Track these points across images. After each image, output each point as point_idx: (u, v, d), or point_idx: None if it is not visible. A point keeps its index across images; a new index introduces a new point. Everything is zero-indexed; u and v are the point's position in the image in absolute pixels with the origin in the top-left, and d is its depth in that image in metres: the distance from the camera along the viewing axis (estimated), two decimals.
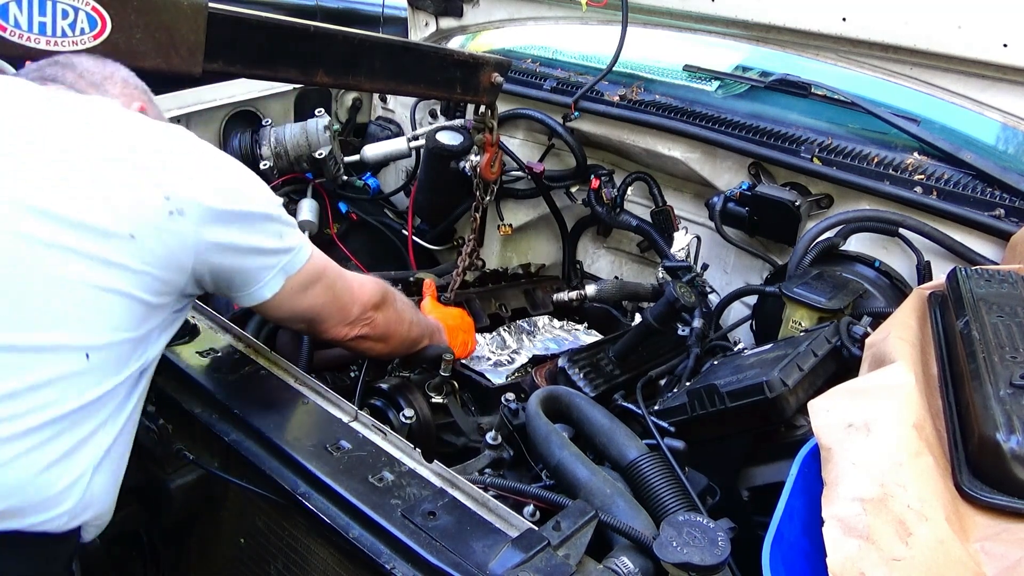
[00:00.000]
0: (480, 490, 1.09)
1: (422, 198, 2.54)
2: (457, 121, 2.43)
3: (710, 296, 2.16)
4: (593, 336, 2.25)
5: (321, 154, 2.33)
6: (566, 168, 2.46)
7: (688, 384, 1.54)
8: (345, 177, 2.55)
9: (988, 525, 0.89)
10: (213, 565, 1.34)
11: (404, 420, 1.47)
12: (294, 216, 2.21)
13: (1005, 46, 1.69)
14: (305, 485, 1.11)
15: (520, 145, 2.55)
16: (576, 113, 2.31)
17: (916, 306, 1.37)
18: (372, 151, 2.51)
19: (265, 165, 2.31)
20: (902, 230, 1.82)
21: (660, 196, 2.30)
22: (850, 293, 1.72)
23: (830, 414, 1.05)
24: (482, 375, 1.86)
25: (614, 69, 2.24)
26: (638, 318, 2.06)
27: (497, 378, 1.87)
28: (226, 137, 2.42)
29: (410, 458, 1.15)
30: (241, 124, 2.45)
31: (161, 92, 1.59)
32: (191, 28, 1.36)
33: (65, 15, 1.24)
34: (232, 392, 1.26)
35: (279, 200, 1.21)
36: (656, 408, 1.47)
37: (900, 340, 1.21)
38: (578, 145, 2.33)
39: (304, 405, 1.26)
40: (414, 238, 2.60)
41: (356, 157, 2.52)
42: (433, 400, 1.59)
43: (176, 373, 1.30)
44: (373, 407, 1.53)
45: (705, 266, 2.16)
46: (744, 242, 2.15)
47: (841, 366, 1.44)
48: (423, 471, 1.13)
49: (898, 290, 1.82)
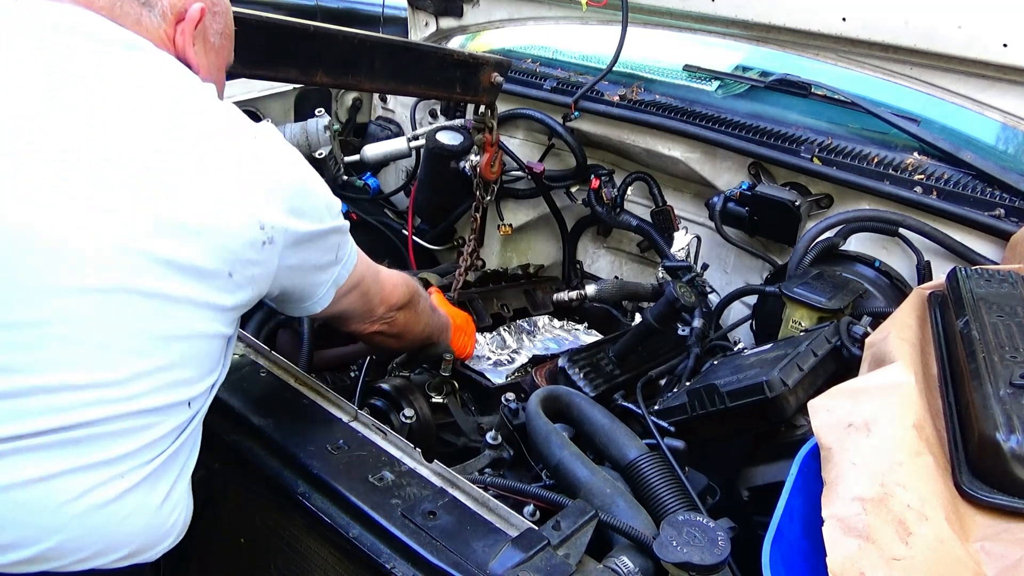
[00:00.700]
0: (480, 490, 1.09)
1: (422, 198, 2.54)
2: (457, 121, 2.43)
3: (710, 296, 2.16)
4: (593, 336, 2.25)
5: (321, 154, 2.33)
6: (566, 168, 2.46)
7: (688, 384, 1.54)
8: (345, 177, 2.56)
9: (988, 525, 0.89)
10: (213, 565, 1.34)
11: (404, 420, 1.47)
12: None
13: (1005, 46, 1.69)
14: (305, 485, 1.11)
15: (520, 145, 2.55)
16: (576, 113, 2.31)
17: (916, 306, 1.37)
18: (372, 151, 2.51)
19: None
20: (902, 230, 1.82)
21: (660, 196, 2.30)
22: (850, 293, 1.72)
23: (830, 414, 1.05)
24: (482, 375, 1.86)
25: (614, 69, 2.24)
26: (638, 318, 2.06)
27: (497, 378, 1.87)
28: None
29: (410, 458, 1.15)
30: None
31: None
32: None
33: None
34: (232, 392, 1.26)
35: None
36: (656, 408, 1.47)
37: (900, 340, 1.21)
38: (578, 145, 2.33)
39: (304, 405, 1.26)
40: (414, 238, 2.60)
41: (356, 157, 2.52)
42: (433, 400, 1.59)
43: None
44: (373, 407, 1.53)
45: (705, 266, 2.16)
46: (744, 242, 2.15)
47: (841, 366, 1.44)
48: (423, 471, 1.13)
49: (898, 290, 1.82)
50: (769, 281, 2.09)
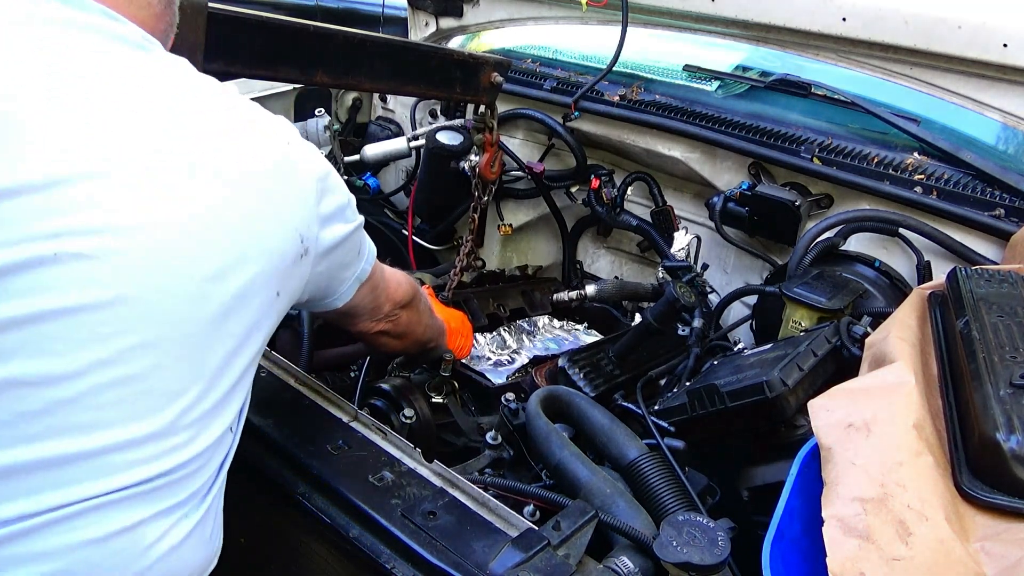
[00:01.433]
0: (480, 490, 1.09)
1: (422, 198, 2.54)
2: (457, 121, 2.43)
3: (710, 296, 2.16)
4: (593, 336, 2.26)
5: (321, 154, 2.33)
6: (566, 168, 2.46)
7: (688, 384, 1.54)
8: (345, 177, 2.55)
9: (988, 525, 0.89)
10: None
11: (404, 420, 1.47)
12: None
13: (1005, 46, 1.69)
14: (305, 485, 1.11)
15: (520, 145, 2.54)
16: (576, 113, 2.31)
17: (916, 306, 1.37)
18: (372, 151, 2.51)
19: None
20: (902, 230, 1.82)
21: (660, 196, 2.30)
22: (850, 293, 1.72)
23: (830, 414, 1.05)
24: (482, 375, 1.86)
25: (614, 69, 2.24)
26: (638, 318, 2.06)
27: (497, 378, 1.87)
28: None
29: (410, 458, 1.15)
30: None
31: None
32: (191, 28, 1.35)
33: None
34: None
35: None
36: (656, 408, 1.47)
37: (900, 340, 1.21)
38: (578, 145, 2.33)
39: (304, 405, 1.26)
40: (414, 238, 2.60)
41: (356, 157, 2.52)
42: (433, 400, 1.59)
43: None
44: (373, 407, 1.53)
45: (705, 266, 2.16)
46: (744, 242, 2.15)
47: (841, 366, 1.44)
48: (423, 471, 1.13)
49: (898, 290, 1.82)
50: (769, 281, 2.09)
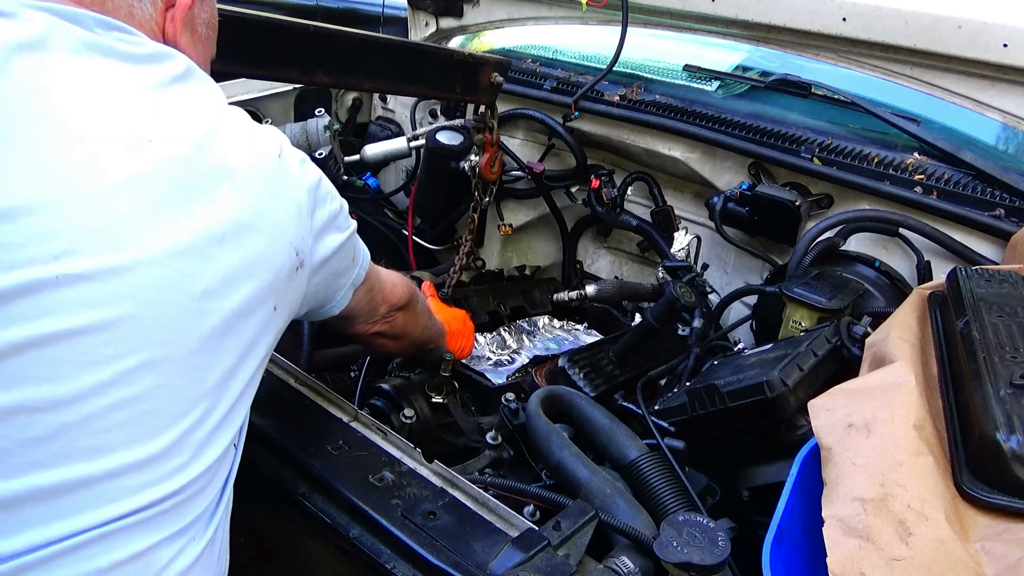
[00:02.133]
0: (480, 490, 1.09)
1: (422, 198, 2.54)
2: (457, 121, 2.43)
3: (710, 296, 2.16)
4: (593, 336, 2.25)
5: (321, 154, 2.33)
6: (566, 168, 2.45)
7: (688, 384, 1.54)
8: (345, 177, 2.55)
9: (988, 525, 0.89)
10: None
11: (404, 420, 1.47)
12: None
13: (1005, 46, 1.69)
14: (305, 485, 1.11)
15: (520, 145, 2.54)
16: (576, 113, 2.31)
17: (916, 306, 1.37)
18: (372, 151, 2.51)
19: None
20: (902, 230, 1.82)
21: (660, 196, 2.30)
22: (850, 293, 1.72)
23: (830, 414, 1.05)
24: (482, 375, 1.86)
25: (614, 69, 2.24)
26: (638, 318, 2.07)
27: (497, 378, 1.87)
28: None
29: (410, 458, 1.15)
30: None
31: None
32: None
33: None
34: None
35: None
36: (656, 408, 1.47)
37: (900, 340, 1.21)
38: (578, 145, 2.33)
39: (304, 405, 1.26)
40: (414, 238, 2.60)
41: (356, 157, 2.52)
42: (433, 400, 1.59)
43: None
44: (373, 407, 1.53)
45: (705, 266, 2.16)
46: (744, 242, 2.15)
47: (841, 366, 1.44)
48: (423, 471, 1.13)
49: (898, 290, 1.82)
50: (769, 281, 2.09)
